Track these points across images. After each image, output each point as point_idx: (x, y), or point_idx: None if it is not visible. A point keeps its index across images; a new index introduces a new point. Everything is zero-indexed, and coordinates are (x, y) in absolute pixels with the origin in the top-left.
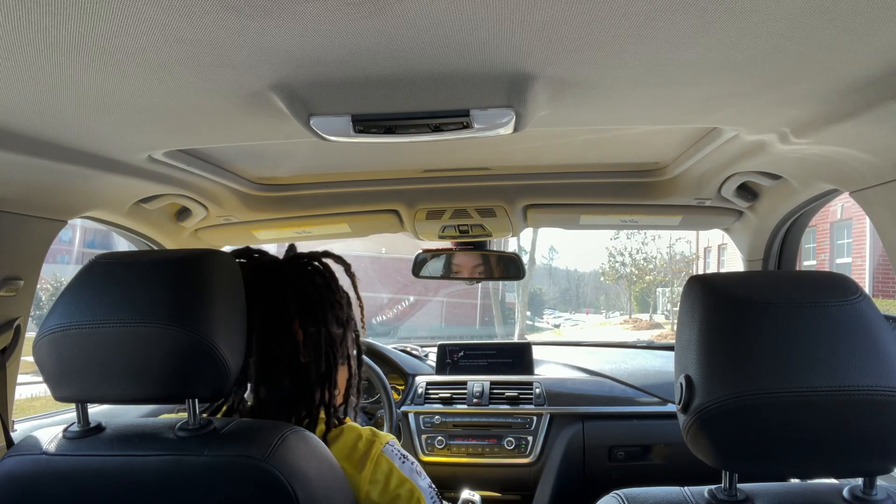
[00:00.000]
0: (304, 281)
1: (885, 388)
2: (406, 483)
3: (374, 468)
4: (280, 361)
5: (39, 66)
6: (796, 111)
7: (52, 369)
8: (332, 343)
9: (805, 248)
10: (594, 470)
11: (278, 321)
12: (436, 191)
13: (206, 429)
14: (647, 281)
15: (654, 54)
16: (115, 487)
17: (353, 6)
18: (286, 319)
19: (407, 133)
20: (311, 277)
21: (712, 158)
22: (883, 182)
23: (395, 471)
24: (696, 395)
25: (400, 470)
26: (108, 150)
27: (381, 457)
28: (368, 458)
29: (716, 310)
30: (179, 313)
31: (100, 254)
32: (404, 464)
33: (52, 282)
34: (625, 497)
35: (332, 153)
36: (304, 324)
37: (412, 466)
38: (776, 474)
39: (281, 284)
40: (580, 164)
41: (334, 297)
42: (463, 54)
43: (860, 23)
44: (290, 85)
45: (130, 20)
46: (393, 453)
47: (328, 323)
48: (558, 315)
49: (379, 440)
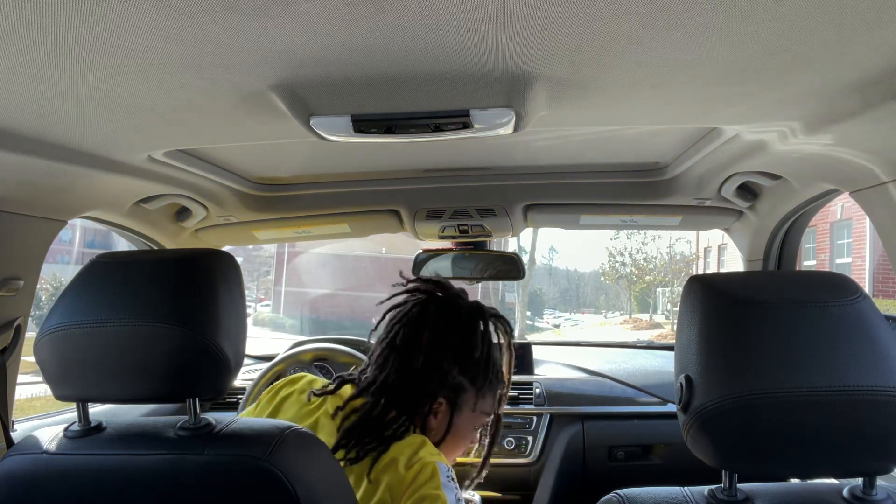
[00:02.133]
0: (473, 335)
1: (885, 388)
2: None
3: (420, 470)
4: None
5: (39, 66)
6: (796, 111)
7: (52, 369)
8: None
9: (805, 248)
10: (594, 470)
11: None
12: (436, 191)
13: (207, 428)
14: (647, 281)
15: (654, 54)
16: (115, 486)
17: (353, 6)
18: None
19: (407, 133)
20: (482, 334)
21: (712, 158)
22: (883, 182)
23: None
24: (696, 395)
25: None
26: (108, 150)
27: (433, 466)
28: (422, 461)
29: (716, 310)
30: (180, 313)
31: (100, 254)
32: (448, 482)
33: (52, 282)
34: (625, 497)
35: (332, 153)
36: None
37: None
38: (776, 474)
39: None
40: (580, 163)
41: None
42: (463, 54)
43: (860, 23)
44: (290, 85)
45: (130, 20)
46: (444, 471)
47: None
48: (558, 315)
49: (439, 458)
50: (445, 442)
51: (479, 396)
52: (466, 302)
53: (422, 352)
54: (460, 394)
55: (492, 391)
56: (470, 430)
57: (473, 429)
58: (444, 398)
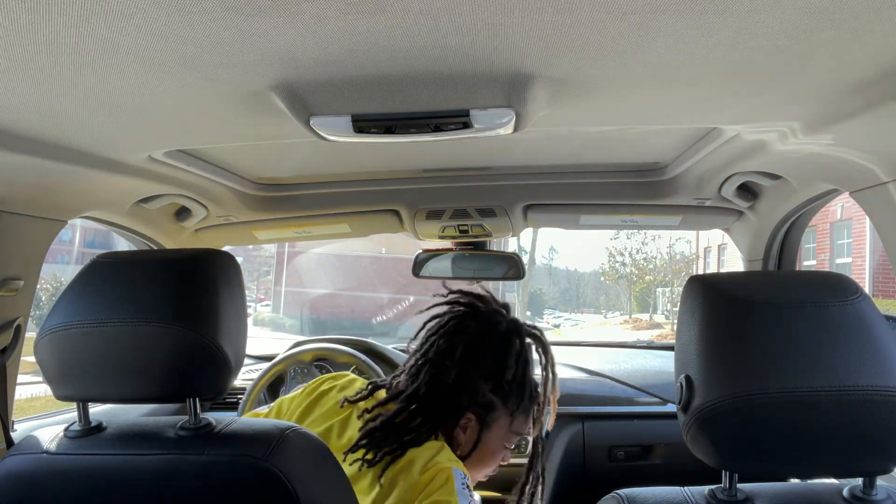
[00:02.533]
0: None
1: (885, 388)
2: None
3: (436, 473)
4: None
5: (39, 66)
6: (796, 111)
7: (53, 368)
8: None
9: (805, 248)
10: (594, 470)
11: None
12: (436, 191)
13: (207, 428)
14: (647, 281)
15: (654, 54)
16: (116, 486)
17: (353, 6)
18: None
19: (407, 133)
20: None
21: (712, 158)
22: (883, 182)
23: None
24: (696, 395)
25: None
26: (108, 150)
27: (448, 471)
28: (437, 466)
29: (716, 310)
30: (180, 312)
31: (101, 253)
32: (463, 490)
33: (52, 282)
34: (625, 497)
35: (332, 153)
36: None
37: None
38: (776, 474)
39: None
40: (580, 163)
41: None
42: (463, 54)
43: (860, 23)
44: (290, 85)
45: (130, 20)
46: (460, 477)
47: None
48: (558, 315)
49: (456, 464)
50: (472, 458)
51: (512, 416)
52: (505, 318)
53: (455, 366)
54: (490, 412)
55: (524, 412)
56: (499, 449)
57: (503, 447)
58: (473, 414)
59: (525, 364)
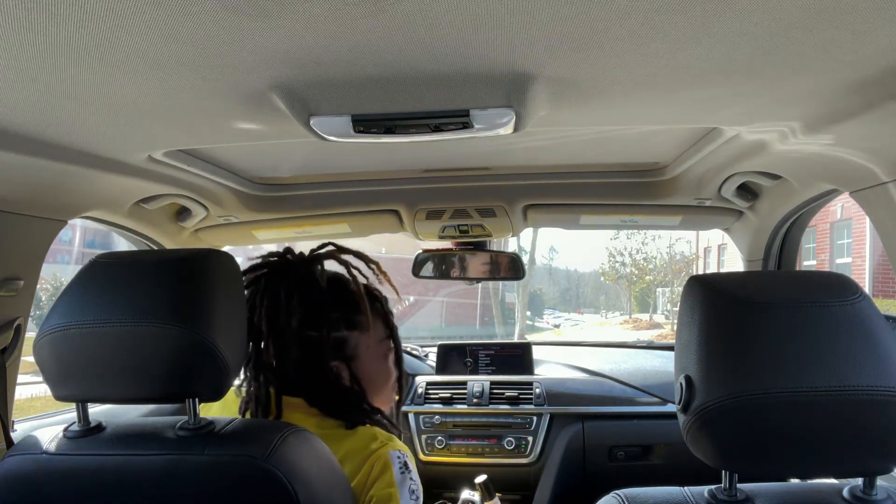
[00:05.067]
0: (308, 287)
1: (885, 388)
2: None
3: (373, 464)
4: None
5: (39, 66)
6: (796, 111)
7: (52, 369)
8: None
9: (805, 248)
10: (594, 470)
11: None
12: (436, 191)
13: (207, 428)
14: (647, 281)
15: (654, 54)
16: (115, 487)
17: (353, 6)
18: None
19: (407, 133)
20: (315, 282)
21: (712, 158)
22: (883, 182)
23: (388, 473)
24: (695, 395)
25: (393, 475)
26: (108, 150)
27: (385, 457)
28: (374, 454)
29: (716, 310)
30: (180, 313)
31: (100, 253)
32: (403, 474)
33: (52, 282)
34: (625, 497)
35: (332, 153)
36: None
37: (410, 483)
38: (776, 474)
39: (287, 288)
40: (580, 164)
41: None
42: (463, 54)
43: (860, 23)
44: (290, 85)
45: (130, 20)
46: (397, 459)
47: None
48: (558, 315)
49: (392, 444)
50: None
51: (361, 331)
52: (272, 266)
53: (294, 339)
54: (345, 345)
55: (366, 318)
56: (382, 365)
57: (385, 360)
58: (335, 362)
59: (334, 287)
